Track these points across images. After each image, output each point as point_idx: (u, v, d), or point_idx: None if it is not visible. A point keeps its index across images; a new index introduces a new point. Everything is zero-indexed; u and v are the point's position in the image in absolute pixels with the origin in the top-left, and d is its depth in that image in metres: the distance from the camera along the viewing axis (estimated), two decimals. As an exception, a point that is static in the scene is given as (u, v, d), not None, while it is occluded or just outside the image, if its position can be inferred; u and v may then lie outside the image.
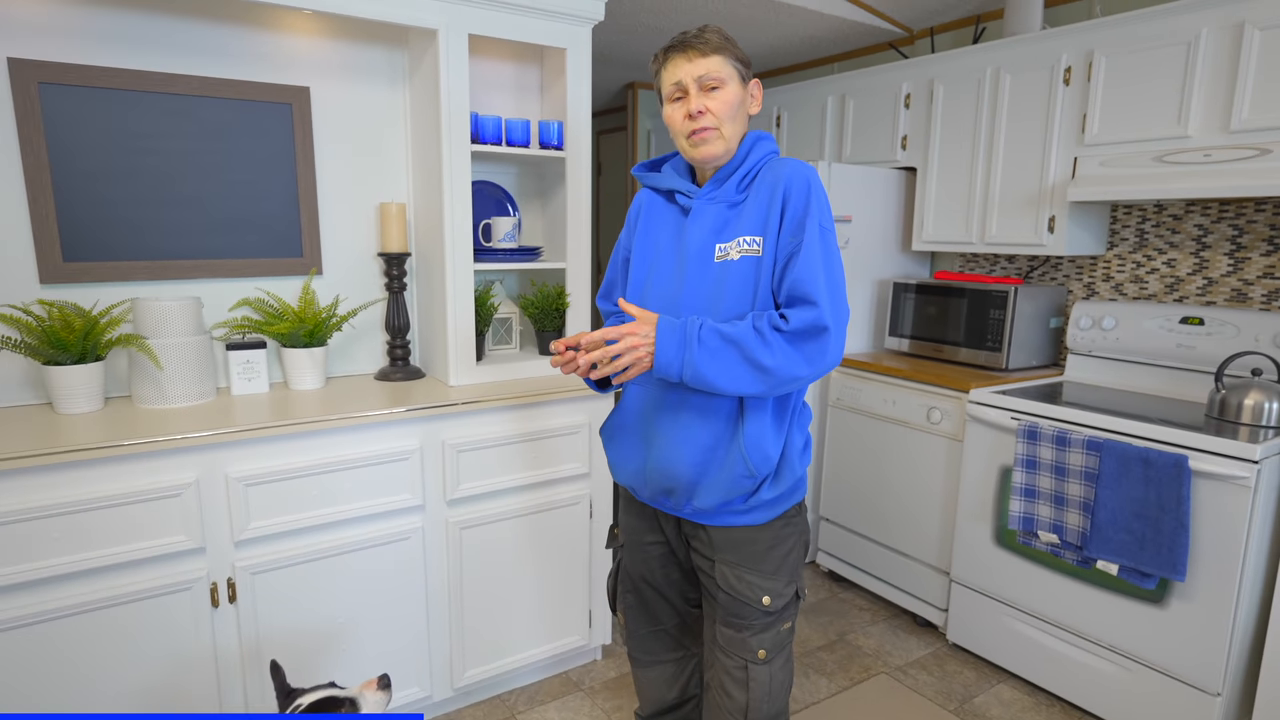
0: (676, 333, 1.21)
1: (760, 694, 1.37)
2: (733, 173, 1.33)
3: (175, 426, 1.65)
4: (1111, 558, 1.97)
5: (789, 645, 1.41)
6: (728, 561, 1.35)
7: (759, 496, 1.31)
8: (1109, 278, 2.66)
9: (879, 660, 2.44)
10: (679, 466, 1.32)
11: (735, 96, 1.30)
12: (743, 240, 1.29)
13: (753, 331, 1.20)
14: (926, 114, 2.87)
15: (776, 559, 1.36)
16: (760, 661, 1.36)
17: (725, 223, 1.32)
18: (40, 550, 1.50)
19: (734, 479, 1.29)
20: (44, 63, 1.72)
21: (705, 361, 1.20)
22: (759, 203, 1.29)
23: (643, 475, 1.39)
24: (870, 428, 2.77)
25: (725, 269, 1.30)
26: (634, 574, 1.53)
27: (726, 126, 1.30)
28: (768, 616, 1.35)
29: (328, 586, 1.83)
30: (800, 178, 1.26)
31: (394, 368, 2.20)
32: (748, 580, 1.34)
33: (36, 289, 1.80)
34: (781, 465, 1.32)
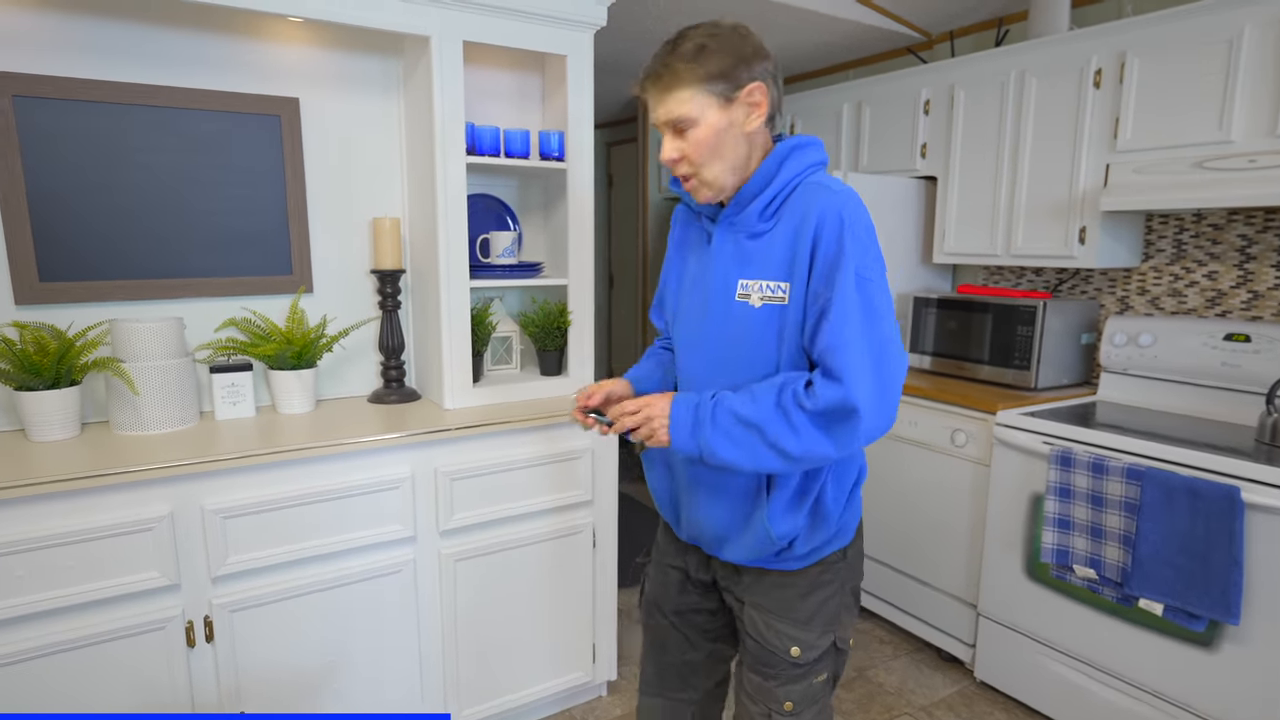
0: (689, 414, 1.11)
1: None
2: (755, 195, 1.14)
3: (152, 455, 1.56)
4: (1156, 596, 1.82)
5: (824, 699, 1.28)
6: (758, 606, 1.25)
7: (791, 552, 1.21)
8: (1144, 291, 2.51)
9: (901, 699, 2.29)
10: (704, 526, 1.26)
11: (712, 130, 1.10)
12: (765, 285, 1.13)
13: (776, 411, 1.07)
14: (947, 121, 2.74)
15: (811, 607, 1.24)
16: (786, 714, 1.25)
17: (747, 256, 1.16)
18: (3, 589, 1.40)
19: (759, 542, 1.20)
20: (18, 75, 1.64)
21: (721, 445, 1.09)
22: (785, 238, 1.11)
23: (675, 515, 1.33)
24: (889, 449, 2.63)
25: (746, 314, 1.15)
26: (650, 597, 1.44)
27: (709, 168, 1.13)
28: (797, 668, 1.24)
29: (313, 624, 1.73)
30: (833, 213, 1.07)
31: (388, 389, 2.10)
32: (776, 629, 1.24)
33: (11, 310, 1.72)
34: (815, 521, 1.20)
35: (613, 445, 2.10)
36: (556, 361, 2.20)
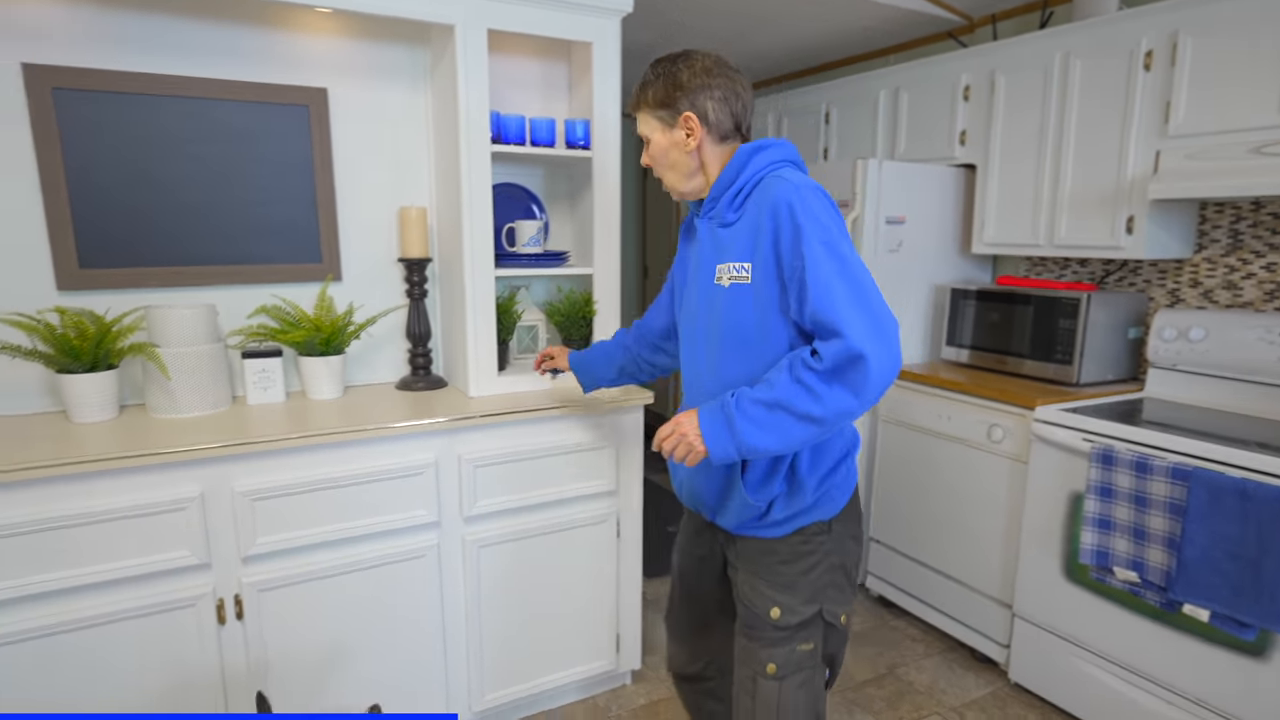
0: (718, 417, 1.18)
1: (767, 711, 1.32)
2: (724, 190, 1.29)
3: (185, 437, 1.59)
4: (1202, 602, 1.74)
5: (809, 669, 1.34)
6: (745, 569, 1.37)
7: (771, 516, 1.31)
8: (1197, 283, 2.39)
9: (932, 699, 2.24)
10: (703, 493, 1.39)
11: (660, 147, 1.32)
12: (733, 267, 1.26)
13: (792, 384, 1.13)
14: (987, 107, 2.65)
15: (792, 574, 1.32)
16: (769, 676, 1.32)
17: (721, 244, 1.30)
18: (42, 563, 1.46)
19: (742, 506, 1.31)
20: (58, 68, 1.69)
21: (755, 435, 1.15)
22: (750, 225, 1.24)
23: (682, 490, 1.46)
24: (924, 445, 2.57)
25: (719, 294, 1.28)
26: (677, 566, 1.59)
27: (664, 175, 1.35)
28: (779, 631, 1.32)
29: (340, 605, 1.76)
30: (782, 200, 1.18)
31: (415, 377, 2.12)
32: (759, 590, 1.34)
33: (54, 296, 1.78)
34: (792, 487, 1.29)
35: (638, 436, 2.09)
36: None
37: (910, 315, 2.83)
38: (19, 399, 1.79)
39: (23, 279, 1.75)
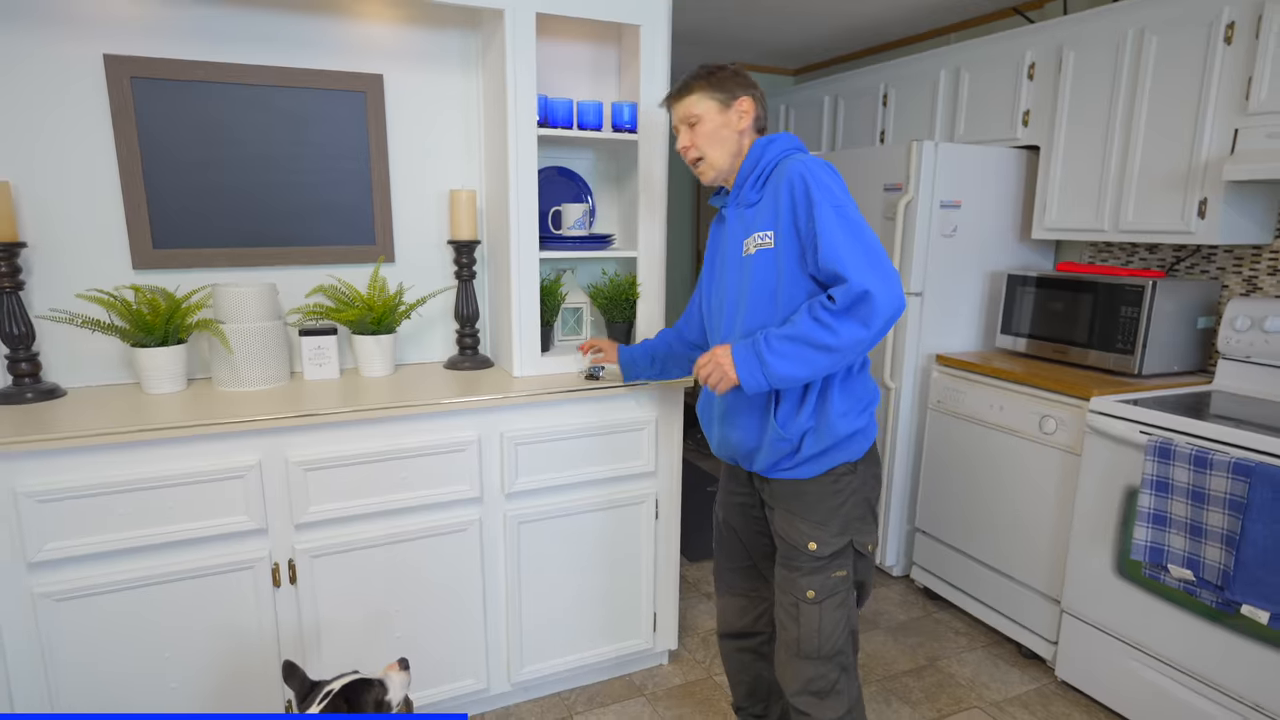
0: (749, 352, 1.36)
1: (810, 630, 1.49)
2: (746, 178, 1.50)
3: (247, 409, 1.69)
4: (1261, 604, 1.66)
5: (843, 592, 1.50)
6: (782, 509, 1.53)
7: (801, 454, 1.47)
8: (1276, 271, 2.26)
9: (973, 692, 2.21)
10: (737, 440, 1.55)
11: (712, 125, 1.50)
12: (758, 236, 1.45)
13: (811, 322, 1.32)
14: (1054, 85, 2.55)
15: (825, 510, 1.48)
16: (809, 601, 1.49)
17: (747, 222, 1.49)
18: (113, 523, 1.57)
19: (775, 443, 1.47)
20: (136, 58, 1.80)
21: (780, 364, 1.34)
22: (771, 200, 1.44)
23: (718, 445, 1.63)
24: (974, 435, 2.51)
25: (749, 262, 1.46)
26: (720, 517, 1.75)
27: (710, 152, 1.51)
28: (816, 561, 1.48)
29: (386, 574, 1.84)
30: (796, 173, 1.38)
31: (463, 356, 2.18)
32: (797, 526, 1.50)
33: (130, 275, 1.90)
34: (819, 425, 1.44)
35: (678, 417, 2.11)
36: (625, 333, 2.22)
37: (964, 303, 2.76)
38: (98, 371, 1.92)
39: (102, 258, 1.87)
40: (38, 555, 1.52)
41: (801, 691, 1.52)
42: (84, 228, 1.85)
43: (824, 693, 1.51)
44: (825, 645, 1.49)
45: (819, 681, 1.50)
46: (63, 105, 1.78)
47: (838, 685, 1.51)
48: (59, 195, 1.81)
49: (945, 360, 2.64)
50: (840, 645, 1.51)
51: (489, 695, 2.05)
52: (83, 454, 1.53)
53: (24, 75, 1.74)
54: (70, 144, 1.80)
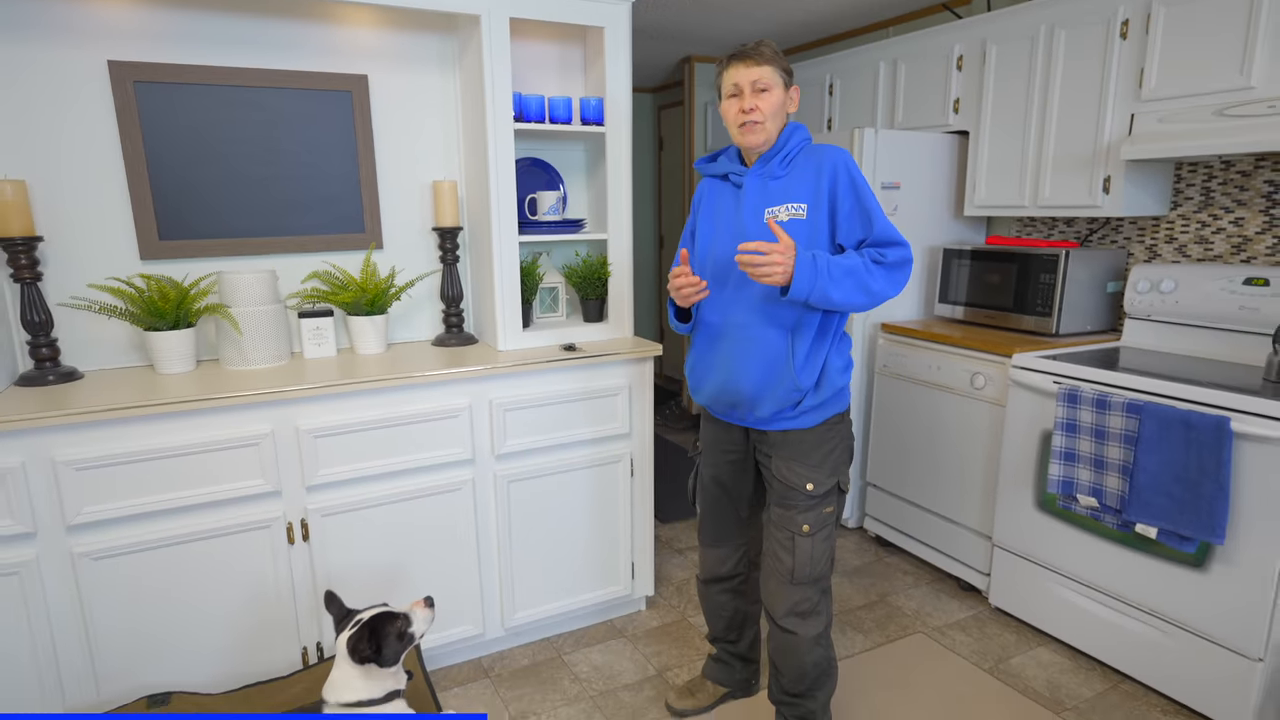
0: (810, 265, 1.51)
1: (803, 559, 1.70)
2: (775, 155, 1.66)
3: (254, 385, 1.86)
4: (1151, 521, 1.95)
5: (829, 525, 1.73)
6: (782, 457, 1.71)
7: (804, 405, 1.66)
8: (1172, 239, 2.56)
9: (918, 621, 2.48)
10: (742, 385, 1.68)
11: (779, 99, 1.64)
12: (790, 206, 1.63)
13: (864, 265, 1.55)
14: (979, 76, 2.81)
15: (820, 455, 1.69)
16: (804, 534, 1.70)
17: (770, 193, 1.66)
18: (143, 489, 1.73)
19: (784, 393, 1.64)
20: (138, 63, 1.94)
21: (831, 288, 1.52)
22: (804, 178, 1.63)
23: (715, 394, 1.75)
24: (916, 394, 2.78)
25: (769, 230, 1.62)
26: (706, 475, 1.90)
27: (769, 122, 1.64)
28: (811, 499, 1.69)
29: (389, 530, 2.03)
30: (840, 161, 1.61)
31: (449, 334, 2.37)
32: (796, 470, 1.69)
33: (138, 264, 2.05)
34: (821, 379, 1.66)
35: (649, 384, 2.33)
36: (598, 309, 2.42)
37: (906, 275, 3.02)
38: (111, 355, 2.06)
39: (111, 250, 2.02)
40: (76, 519, 1.68)
41: (789, 613, 1.73)
42: (94, 222, 1.99)
43: (807, 613, 1.72)
44: (815, 571, 1.71)
45: (804, 604, 1.72)
46: (72, 108, 1.92)
47: (819, 606, 1.74)
48: (70, 192, 1.95)
49: (889, 328, 2.90)
50: (824, 570, 1.73)
51: (485, 640, 2.25)
52: (114, 426, 1.69)
53: (36, 81, 1.87)
54: (79, 144, 1.94)
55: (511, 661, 2.28)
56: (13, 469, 1.61)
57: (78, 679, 1.75)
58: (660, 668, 2.24)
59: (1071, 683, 2.14)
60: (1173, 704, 2.05)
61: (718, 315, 1.71)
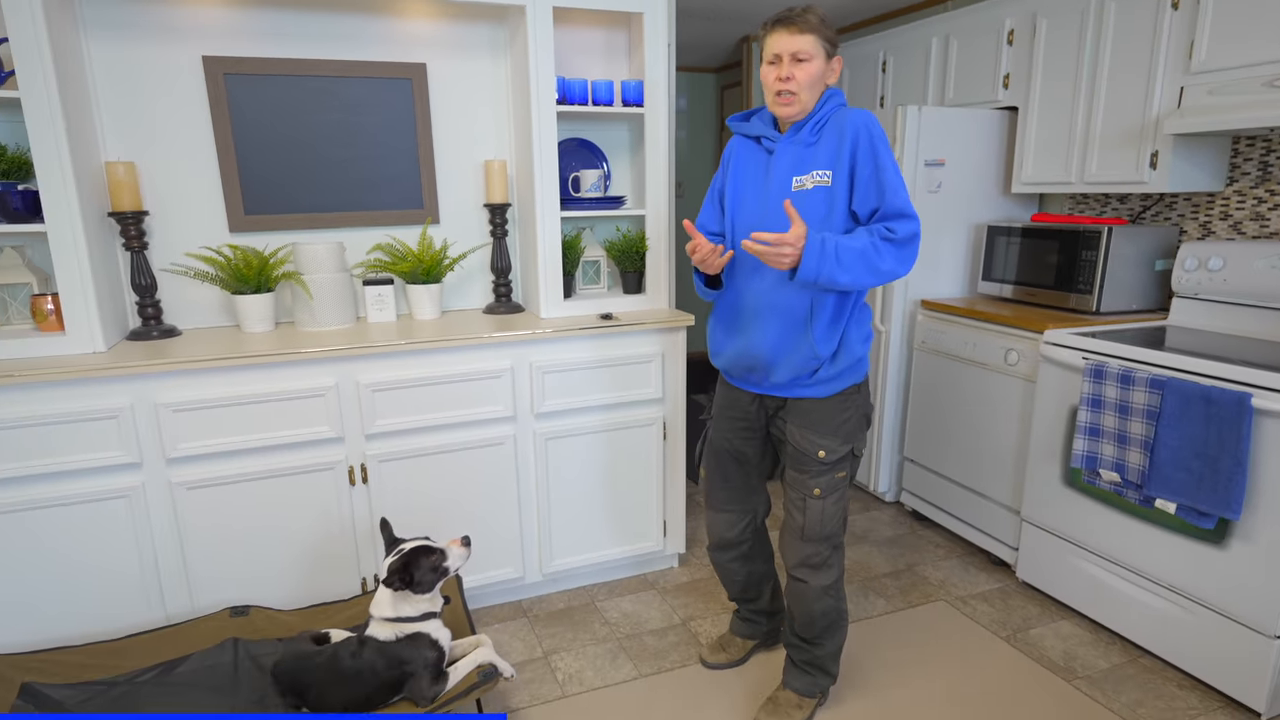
0: (818, 249, 1.53)
1: (814, 519, 1.79)
2: (808, 123, 1.68)
3: (323, 344, 2.09)
4: (1169, 496, 1.95)
5: (842, 489, 1.80)
6: (797, 424, 1.78)
7: (820, 374, 1.71)
8: (1227, 215, 2.49)
9: (942, 590, 2.54)
10: (761, 350, 1.74)
11: (818, 70, 1.63)
12: (816, 173, 1.65)
13: (871, 245, 1.57)
14: (1029, 50, 2.78)
15: (834, 424, 1.75)
16: (815, 497, 1.78)
17: (800, 160, 1.67)
18: (227, 429, 2.00)
19: (802, 360, 1.70)
20: (227, 57, 2.19)
21: (838, 272, 1.55)
22: (829, 144, 1.64)
23: (734, 358, 1.82)
24: (952, 370, 2.81)
25: (802, 196, 1.66)
26: (716, 441, 1.96)
27: (805, 93, 1.64)
28: (823, 465, 1.76)
29: (439, 478, 2.25)
30: (862, 124, 1.61)
31: (498, 303, 2.57)
32: (810, 439, 1.76)
33: (226, 236, 2.32)
34: (840, 349, 1.71)
35: (682, 352, 2.46)
36: (636, 281, 2.57)
37: (949, 253, 3.03)
38: (204, 315, 2.35)
39: (204, 223, 2.29)
40: (173, 453, 1.96)
41: (800, 565, 1.82)
42: (190, 198, 2.27)
43: (818, 566, 1.81)
44: (824, 530, 1.79)
45: (815, 557, 1.81)
46: (171, 98, 2.19)
47: (829, 560, 1.82)
48: (170, 172, 2.23)
49: (929, 305, 2.93)
50: (835, 529, 1.80)
51: (524, 583, 2.46)
52: (206, 375, 1.96)
53: (141, 75, 2.15)
54: (177, 130, 2.22)
55: (548, 605, 2.48)
56: (124, 408, 1.90)
57: (174, 590, 2.05)
58: (685, 618, 2.39)
59: (1089, 654, 2.17)
60: (1189, 679, 2.05)
61: (741, 280, 1.76)
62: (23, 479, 1.85)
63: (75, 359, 1.91)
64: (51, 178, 1.88)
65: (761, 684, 2.07)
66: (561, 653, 2.21)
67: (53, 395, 1.85)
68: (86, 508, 1.92)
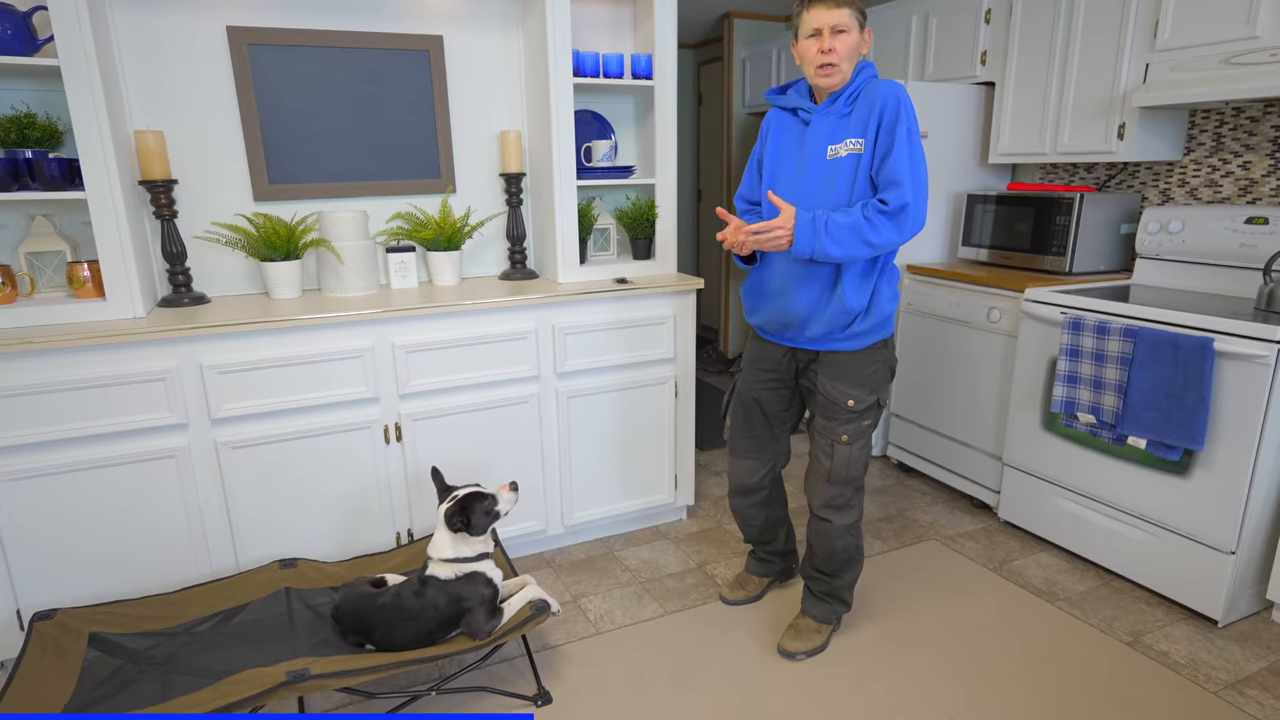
0: (809, 226, 1.70)
1: (840, 463, 1.93)
2: (843, 94, 1.78)
3: (353, 309, 2.17)
4: (1141, 433, 2.18)
5: (867, 436, 1.94)
6: (828, 375, 1.91)
7: (853, 329, 1.84)
8: (1185, 183, 2.73)
9: (932, 531, 2.76)
10: (797, 308, 1.86)
11: (855, 41, 1.74)
12: (850, 141, 1.75)
13: (863, 218, 1.68)
14: (1006, 28, 2.97)
15: (862, 376, 1.88)
16: (843, 443, 1.92)
17: (835, 130, 1.78)
18: (269, 390, 2.08)
19: (835, 315, 1.81)
20: (251, 28, 2.23)
21: (830, 245, 1.69)
22: (862, 114, 1.74)
23: (770, 315, 1.94)
24: (937, 330, 3.01)
25: (836, 164, 1.77)
26: (744, 392, 2.09)
27: (845, 64, 1.74)
28: (851, 414, 1.90)
29: (467, 436, 2.36)
30: (892, 95, 1.71)
31: (514, 270, 2.67)
32: (840, 389, 1.89)
33: (251, 205, 2.37)
34: (871, 306, 1.83)
35: (692, 315, 2.60)
36: (646, 248, 2.69)
37: (932, 220, 3.22)
38: (231, 283, 2.40)
39: (229, 192, 2.34)
40: (218, 414, 2.03)
41: (825, 505, 1.97)
42: (215, 167, 2.31)
43: (841, 506, 1.96)
44: (850, 472, 1.93)
45: (839, 499, 1.96)
46: (194, 68, 2.22)
47: (851, 502, 1.97)
48: (196, 141, 2.27)
49: (914, 269, 3.12)
50: (858, 472, 1.95)
51: (547, 535, 2.59)
52: (247, 337, 2.03)
53: (167, 46, 2.18)
54: (203, 99, 2.25)
55: (569, 555, 2.62)
56: (171, 370, 1.96)
57: (221, 546, 2.12)
58: (700, 562, 2.56)
59: (1067, 580, 2.41)
60: (1156, 596, 2.30)
61: (772, 253, 1.86)
62: (77, 440, 1.91)
63: (120, 324, 1.96)
64: (91, 145, 1.91)
65: (777, 616, 2.25)
66: (590, 596, 2.36)
67: (102, 359, 1.90)
68: (137, 467, 1.98)
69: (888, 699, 1.89)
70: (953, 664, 2.01)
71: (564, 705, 1.88)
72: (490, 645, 1.81)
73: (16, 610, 1.95)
